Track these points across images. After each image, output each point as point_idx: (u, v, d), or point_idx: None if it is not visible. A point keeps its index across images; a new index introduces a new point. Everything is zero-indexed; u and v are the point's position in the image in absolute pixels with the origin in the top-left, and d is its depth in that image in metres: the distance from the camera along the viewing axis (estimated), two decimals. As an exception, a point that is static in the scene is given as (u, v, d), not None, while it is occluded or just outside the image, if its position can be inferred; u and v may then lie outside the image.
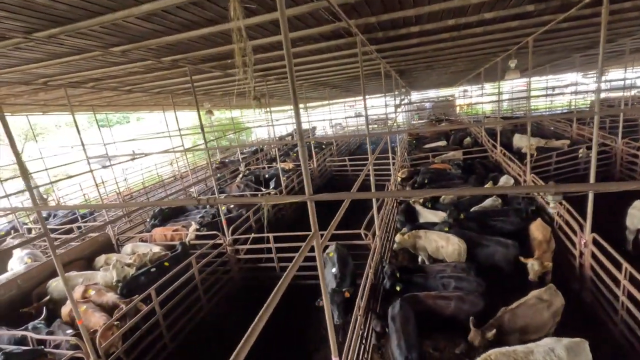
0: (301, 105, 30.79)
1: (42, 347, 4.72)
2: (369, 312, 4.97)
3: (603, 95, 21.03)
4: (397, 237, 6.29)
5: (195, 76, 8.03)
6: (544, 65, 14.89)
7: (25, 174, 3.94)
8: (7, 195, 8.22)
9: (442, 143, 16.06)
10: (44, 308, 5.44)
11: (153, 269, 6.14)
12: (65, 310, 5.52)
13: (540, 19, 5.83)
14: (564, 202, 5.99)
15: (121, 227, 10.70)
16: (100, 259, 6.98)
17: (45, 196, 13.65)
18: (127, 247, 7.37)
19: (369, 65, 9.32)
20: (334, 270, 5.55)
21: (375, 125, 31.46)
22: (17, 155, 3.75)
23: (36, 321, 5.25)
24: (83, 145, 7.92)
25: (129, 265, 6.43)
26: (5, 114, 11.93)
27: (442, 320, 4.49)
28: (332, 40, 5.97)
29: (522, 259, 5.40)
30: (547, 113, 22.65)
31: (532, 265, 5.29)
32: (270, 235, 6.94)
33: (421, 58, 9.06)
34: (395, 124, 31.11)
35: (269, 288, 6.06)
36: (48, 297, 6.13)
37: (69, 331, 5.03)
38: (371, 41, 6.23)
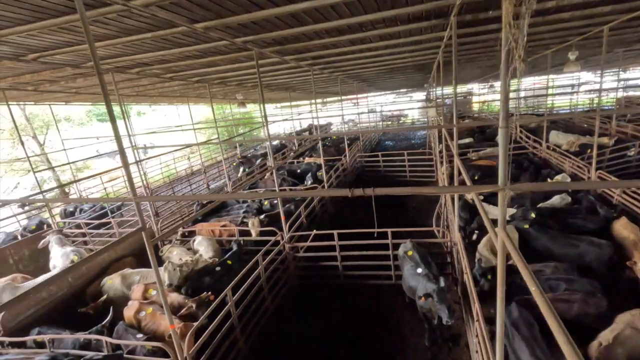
0: (319, 100, 30.29)
1: (121, 352, 4.29)
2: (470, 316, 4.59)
3: (628, 93, 20.77)
4: (485, 247, 5.82)
5: (249, 62, 7.58)
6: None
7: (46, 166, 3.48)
8: (42, 192, 7.73)
9: (468, 140, 15.69)
10: (111, 309, 4.98)
11: (218, 268, 5.70)
12: (129, 312, 5.08)
13: (625, 5, 5.43)
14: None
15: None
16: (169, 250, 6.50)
17: (67, 190, 13.15)
18: (195, 241, 6.88)
19: (425, 54, 8.92)
20: (419, 270, 5.14)
21: (390, 122, 31.06)
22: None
23: (99, 325, 4.80)
24: (129, 134, 7.43)
25: (180, 266, 5.96)
26: (28, 103, 11.47)
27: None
28: (417, 23, 5.53)
29: (630, 262, 5.03)
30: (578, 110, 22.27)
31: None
32: (335, 232, 6.53)
33: (479, 48, 8.64)
34: (411, 120, 30.87)
35: (330, 288, 5.70)
36: (105, 297, 5.69)
37: (140, 335, 4.60)
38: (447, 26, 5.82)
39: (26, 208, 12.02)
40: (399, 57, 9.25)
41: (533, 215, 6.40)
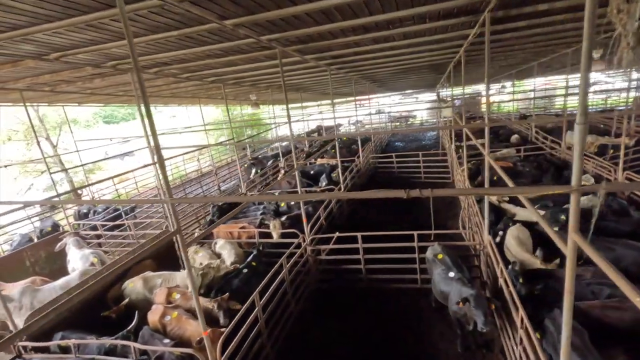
0: (327, 102, 30.11)
1: (147, 357, 4.17)
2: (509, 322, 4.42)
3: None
4: (522, 249, 5.62)
5: (267, 61, 7.48)
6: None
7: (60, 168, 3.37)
8: (59, 195, 7.63)
9: (481, 141, 15.47)
10: (136, 314, 4.86)
11: (245, 270, 5.57)
12: (153, 316, 4.96)
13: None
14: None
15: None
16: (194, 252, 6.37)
17: (79, 192, 13.11)
18: (217, 244, 6.74)
19: (444, 53, 8.78)
20: (452, 274, 4.98)
21: (397, 123, 30.89)
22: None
23: (125, 330, 4.69)
24: (154, 133, 7.32)
25: (203, 272, 5.82)
26: (42, 104, 11.44)
27: (609, 334, 3.93)
28: (446, 20, 5.39)
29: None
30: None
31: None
32: (359, 234, 6.38)
33: (502, 46, 8.48)
34: (421, 121, 30.66)
35: (353, 291, 5.52)
36: (127, 300, 5.57)
37: (167, 341, 4.47)
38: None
39: (38, 209, 12.00)
40: (416, 57, 9.12)
41: (563, 217, 6.21)
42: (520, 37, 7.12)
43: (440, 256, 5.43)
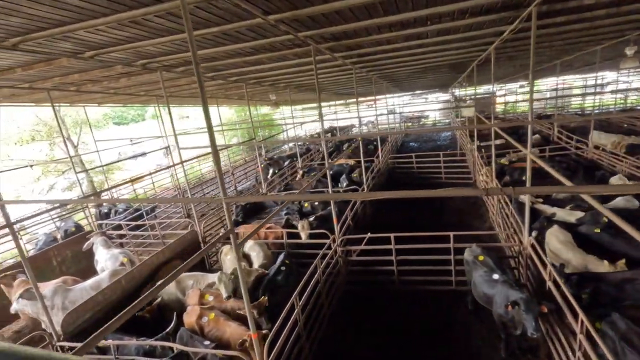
0: (341, 102, 29.91)
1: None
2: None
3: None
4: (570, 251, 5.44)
5: (296, 59, 7.39)
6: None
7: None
8: (86, 196, 7.60)
9: (499, 141, 15.23)
10: (175, 315, 4.79)
11: (283, 267, 5.48)
12: (190, 318, 4.88)
13: None
14: None
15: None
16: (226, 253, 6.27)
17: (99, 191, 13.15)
18: (246, 246, 6.64)
19: (471, 51, 8.62)
20: (496, 276, 4.83)
21: (410, 123, 30.67)
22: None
23: (164, 332, 4.62)
24: (175, 135, 7.28)
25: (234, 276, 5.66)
26: (63, 104, 11.48)
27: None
28: (486, 15, 5.25)
29: None
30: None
31: None
32: (392, 235, 6.25)
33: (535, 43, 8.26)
34: (434, 121, 30.38)
35: (384, 293, 5.33)
36: (159, 300, 5.51)
37: (207, 342, 4.39)
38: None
39: (58, 209, 12.04)
40: (441, 55, 8.97)
41: (605, 219, 6.02)
42: (554, 33, 6.93)
43: (481, 258, 5.27)
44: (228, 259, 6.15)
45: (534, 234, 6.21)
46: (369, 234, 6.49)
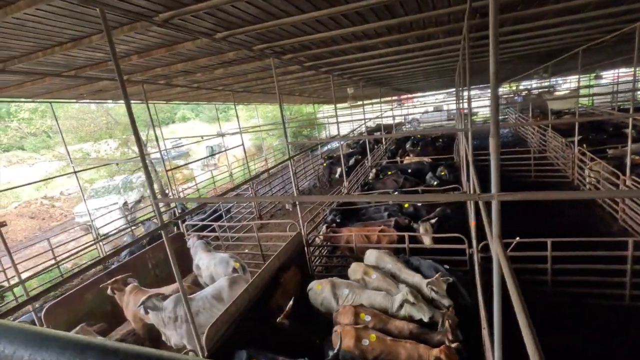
0: (386, 99, 29.01)
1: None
2: None
3: None
4: None
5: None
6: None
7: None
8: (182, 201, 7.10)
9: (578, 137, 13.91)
10: (340, 335, 4.09)
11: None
12: (348, 342, 4.12)
13: None
14: None
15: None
16: (357, 271, 5.50)
17: (165, 190, 12.92)
18: (371, 257, 5.89)
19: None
20: None
21: (453, 121, 29.42)
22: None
23: (331, 356, 3.91)
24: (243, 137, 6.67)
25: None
26: (135, 101, 11.17)
27: None
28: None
29: None
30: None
31: None
32: (549, 240, 5.37)
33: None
34: (483, 118, 28.97)
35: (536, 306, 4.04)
36: (292, 302, 4.86)
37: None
38: None
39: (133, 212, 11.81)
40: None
41: None
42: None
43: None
44: (373, 278, 5.27)
45: None
46: (517, 238, 5.63)
